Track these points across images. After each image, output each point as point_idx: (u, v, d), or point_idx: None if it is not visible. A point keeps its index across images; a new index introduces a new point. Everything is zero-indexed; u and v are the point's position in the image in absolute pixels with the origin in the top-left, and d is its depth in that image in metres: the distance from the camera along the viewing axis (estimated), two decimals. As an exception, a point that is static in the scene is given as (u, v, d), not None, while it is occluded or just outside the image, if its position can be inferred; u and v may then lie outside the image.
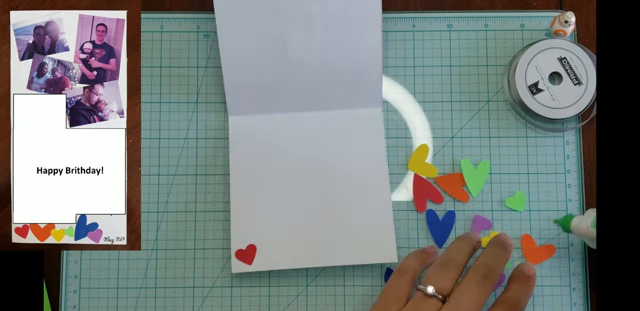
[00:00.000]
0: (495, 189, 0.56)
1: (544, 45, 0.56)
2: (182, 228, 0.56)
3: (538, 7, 0.60)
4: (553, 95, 0.56)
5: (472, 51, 0.59)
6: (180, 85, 0.58)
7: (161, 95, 0.58)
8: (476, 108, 0.58)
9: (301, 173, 0.56)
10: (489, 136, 0.57)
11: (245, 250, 0.55)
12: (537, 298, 0.55)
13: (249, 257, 0.55)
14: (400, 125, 0.58)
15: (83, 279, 0.55)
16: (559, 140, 0.57)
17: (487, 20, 0.59)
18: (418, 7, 0.60)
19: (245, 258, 0.54)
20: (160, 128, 0.58)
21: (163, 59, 0.58)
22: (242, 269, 0.54)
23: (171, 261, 0.56)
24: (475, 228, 0.56)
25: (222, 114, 0.58)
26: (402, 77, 0.58)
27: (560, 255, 0.55)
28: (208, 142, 0.57)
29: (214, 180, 0.57)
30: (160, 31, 0.59)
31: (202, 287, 0.55)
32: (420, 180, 0.57)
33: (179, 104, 0.58)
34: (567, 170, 0.57)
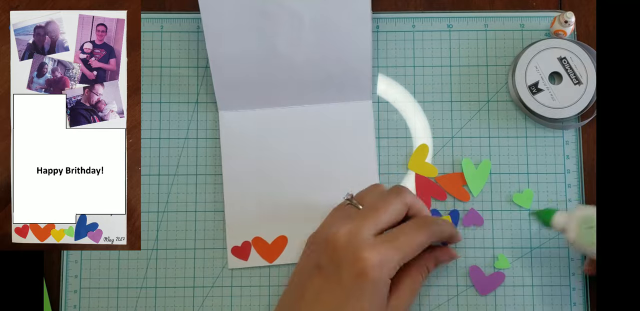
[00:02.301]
0: (495, 189, 0.56)
1: (543, 45, 0.57)
2: (182, 228, 0.56)
3: (538, 7, 0.60)
4: (553, 95, 0.56)
5: (472, 51, 0.59)
6: (180, 85, 0.58)
7: (161, 95, 0.58)
8: (476, 108, 0.58)
9: (293, 167, 0.56)
10: (489, 136, 0.57)
11: (241, 246, 0.55)
12: (537, 298, 0.55)
13: (245, 253, 0.55)
14: (400, 125, 0.58)
15: (83, 279, 0.55)
16: (559, 140, 0.57)
17: (487, 20, 0.59)
18: (418, 7, 0.60)
19: (241, 255, 0.55)
20: (160, 128, 0.58)
21: (163, 59, 0.58)
22: (239, 265, 0.55)
23: (171, 261, 0.56)
24: (466, 223, 0.56)
25: (222, 114, 0.58)
26: (402, 77, 0.58)
27: (560, 254, 0.56)
28: (208, 142, 0.57)
29: (214, 180, 0.57)
30: (160, 31, 0.59)
31: (202, 287, 0.55)
32: (422, 178, 0.57)
33: (179, 104, 0.58)
34: (567, 170, 0.57)
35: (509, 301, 0.55)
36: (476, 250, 0.56)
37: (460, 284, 0.55)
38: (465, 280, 0.55)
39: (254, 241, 0.55)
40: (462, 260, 0.55)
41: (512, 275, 0.55)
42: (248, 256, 0.55)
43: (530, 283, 0.55)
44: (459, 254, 0.55)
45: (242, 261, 0.55)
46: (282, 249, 0.55)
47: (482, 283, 0.55)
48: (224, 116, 0.57)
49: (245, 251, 0.55)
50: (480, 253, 0.56)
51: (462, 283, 0.55)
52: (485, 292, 0.55)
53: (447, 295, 0.55)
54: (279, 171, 0.56)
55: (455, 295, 0.55)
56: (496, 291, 0.55)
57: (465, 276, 0.55)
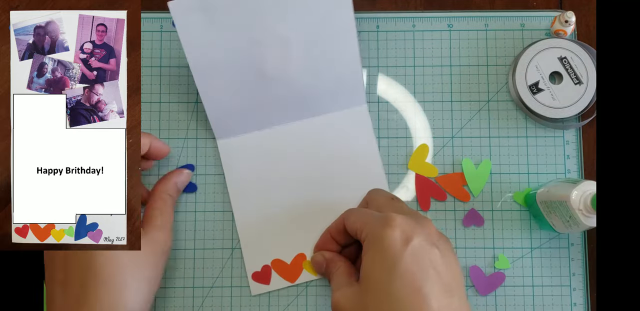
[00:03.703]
0: (495, 189, 0.56)
1: (544, 44, 0.56)
2: (182, 228, 0.56)
3: (538, 7, 0.59)
4: (553, 95, 0.56)
5: (472, 51, 0.59)
6: (180, 85, 0.58)
7: (161, 95, 0.58)
8: (476, 108, 0.58)
9: (300, 183, 0.56)
10: (489, 136, 0.57)
11: (261, 271, 0.55)
12: (537, 298, 0.55)
13: (266, 277, 0.55)
14: (400, 125, 0.58)
15: (83, 279, 0.55)
16: (560, 140, 0.57)
17: (487, 20, 0.59)
18: (418, 7, 0.60)
19: (262, 279, 0.55)
20: (160, 128, 0.58)
21: (163, 59, 0.58)
22: (261, 290, 0.55)
23: (171, 261, 0.56)
24: (467, 222, 0.56)
25: (222, 114, 0.58)
26: (402, 77, 0.58)
27: (560, 255, 0.55)
28: (208, 142, 0.57)
29: (214, 180, 0.57)
30: (160, 31, 0.59)
31: (202, 287, 0.55)
32: (422, 178, 0.57)
33: (179, 104, 0.58)
34: (568, 169, 0.57)
35: (509, 301, 0.55)
36: (476, 250, 0.56)
37: (460, 284, 0.55)
38: (465, 280, 0.55)
39: (273, 263, 0.55)
40: (462, 260, 0.55)
41: (512, 275, 0.55)
42: (270, 280, 0.55)
43: (530, 284, 0.55)
44: (460, 254, 0.55)
45: (265, 286, 0.55)
46: (302, 267, 0.55)
47: (482, 283, 0.55)
48: (223, 145, 0.57)
49: (266, 276, 0.55)
50: (480, 253, 0.55)
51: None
52: (486, 292, 0.55)
53: (447, 295, 0.55)
54: (287, 190, 0.56)
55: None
56: (496, 292, 0.55)
57: (465, 276, 0.55)
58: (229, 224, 0.56)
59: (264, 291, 0.55)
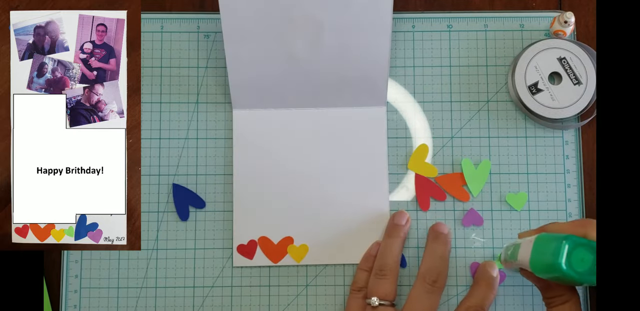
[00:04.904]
0: (495, 189, 0.56)
1: (543, 45, 0.57)
2: (182, 228, 0.56)
3: (537, 7, 0.60)
4: (553, 95, 0.56)
5: (472, 51, 0.59)
6: (180, 85, 0.58)
7: (161, 95, 0.58)
8: (476, 108, 0.58)
9: (303, 169, 0.56)
10: (489, 136, 0.57)
11: (247, 244, 0.55)
12: (537, 298, 0.55)
13: (250, 252, 0.55)
14: (400, 125, 0.58)
15: (83, 279, 0.55)
16: (559, 140, 0.57)
17: (486, 21, 0.59)
18: (418, 7, 0.60)
19: (247, 253, 0.55)
20: (160, 128, 0.58)
21: (163, 59, 0.58)
22: (244, 263, 0.55)
23: (171, 261, 0.56)
24: (466, 222, 0.56)
25: (222, 114, 0.58)
26: (402, 77, 0.58)
27: (560, 254, 0.56)
28: (208, 142, 0.57)
29: (214, 180, 0.57)
30: (160, 31, 0.59)
31: (202, 287, 0.55)
32: (422, 178, 0.57)
33: (179, 104, 0.58)
34: (567, 170, 0.57)
35: (508, 301, 0.55)
36: (476, 250, 0.56)
37: (460, 284, 0.55)
38: (465, 280, 0.55)
39: (260, 240, 0.55)
40: (462, 260, 0.55)
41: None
42: (253, 255, 0.55)
43: (530, 283, 0.55)
44: (459, 254, 0.55)
45: (247, 260, 0.55)
46: (287, 250, 0.55)
47: (482, 283, 0.55)
48: (237, 115, 0.57)
49: (251, 250, 0.55)
50: (480, 253, 0.56)
51: (462, 283, 0.55)
52: (485, 292, 0.55)
53: (447, 295, 0.55)
54: (289, 172, 0.56)
55: (455, 295, 0.55)
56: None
57: (465, 276, 0.55)
58: (229, 224, 0.56)
59: (246, 265, 0.55)
